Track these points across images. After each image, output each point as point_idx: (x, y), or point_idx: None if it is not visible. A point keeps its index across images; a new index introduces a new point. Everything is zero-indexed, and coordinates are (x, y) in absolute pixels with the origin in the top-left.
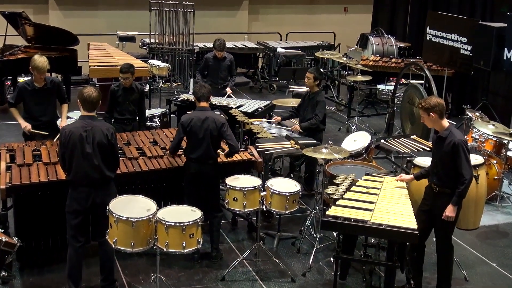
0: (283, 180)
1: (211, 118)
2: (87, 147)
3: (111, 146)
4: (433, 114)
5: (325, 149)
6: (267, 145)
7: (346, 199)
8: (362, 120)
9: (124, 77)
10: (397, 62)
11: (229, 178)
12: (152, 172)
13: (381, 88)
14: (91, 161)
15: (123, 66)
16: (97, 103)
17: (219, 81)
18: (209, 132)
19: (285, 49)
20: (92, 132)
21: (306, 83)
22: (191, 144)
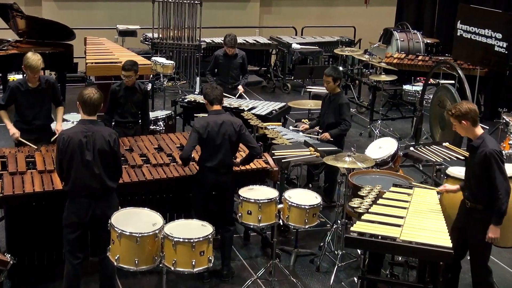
0: (301, 191)
1: (228, 121)
2: (87, 155)
3: (113, 154)
4: (465, 122)
5: (348, 157)
6: (283, 153)
7: (372, 213)
8: (386, 123)
9: (126, 75)
10: (424, 60)
11: (242, 189)
12: (157, 181)
13: (407, 89)
14: (91, 169)
15: (126, 63)
16: (98, 106)
17: (229, 80)
18: (227, 137)
19: (300, 45)
20: (93, 138)
21: (326, 87)
22: (207, 152)
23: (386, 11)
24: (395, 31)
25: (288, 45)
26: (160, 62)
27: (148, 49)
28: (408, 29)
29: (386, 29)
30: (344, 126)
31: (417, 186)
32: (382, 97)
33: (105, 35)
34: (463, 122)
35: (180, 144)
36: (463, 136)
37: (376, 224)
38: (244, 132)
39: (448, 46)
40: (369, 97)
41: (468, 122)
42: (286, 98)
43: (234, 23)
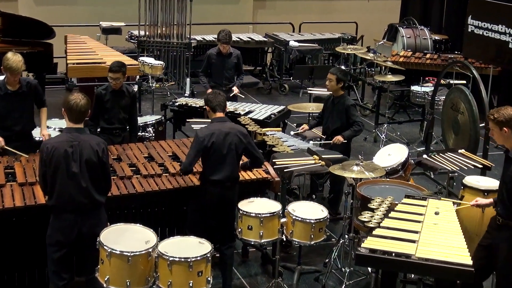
0: (306, 204)
1: (234, 130)
2: (73, 166)
3: (102, 165)
4: (507, 129)
5: (356, 166)
6: (285, 161)
7: (384, 227)
8: (393, 127)
9: (114, 77)
10: (432, 59)
11: (242, 202)
12: (149, 194)
13: (415, 90)
14: (77, 182)
15: (113, 64)
16: (85, 113)
17: (223, 81)
18: (234, 147)
19: (298, 43)
20: (80, 147)
21: (328, 86)
22: (211, 164)
23: (390, 5)
24: (400, 27)
25: (285, 43)
26: (148, 62)
27: (134, 48)
28: (414, 25)
29: (391, 25)
30: (357, 127)
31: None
32: (388, 99)
33: (87, 33)
34: (504, 129)
35: (172, 153)
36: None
37: (389, 240)
38: (250, 141)
39: (457, 43)
40: (374, 98)
41: (510, 129)
42: (283, 100)
43: (226, 19)
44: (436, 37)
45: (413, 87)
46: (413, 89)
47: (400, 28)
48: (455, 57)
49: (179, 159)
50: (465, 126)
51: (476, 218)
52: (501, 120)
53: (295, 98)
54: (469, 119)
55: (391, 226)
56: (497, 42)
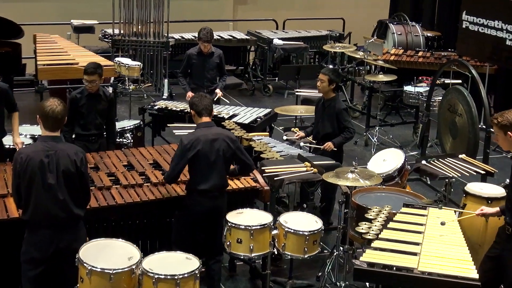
0: (299, 214)
1: (222, 135)
2: (49, 177)
3: (80, 176)
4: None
5: (351, 173)
6: (275, 169)
7: (383, 239)
8: (384, 130)
9: (89, 80)
10: (425, 57)
11: (230, 214)
12: (130, 206)
13: (408, 90)
14: (54, 195)
15: (88, 66)
16: (62, 120)
17: (205, 83)
18: (222, 153)
19: (283, 41)
20: (56, 157)
21: (319, 87)
22: (198, 173)
23: (379, 0)
24: (390, 23)
25: (268, 41)
26: (125, 63)
27: (107, 47)
28: (405, 21)
29: (381, 21)
30: (348, 133)
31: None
32: (380, 100)
33: (58, 31)
34: (509, 134)
35: (154, 160)
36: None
37: (388, 253)
38: (239, 147)
39: (451, 39)
40: (364, 99)
41: None
42: (267, 102)
43: (205, 15)
44: (428, 33)
45: (406, 87)
46: (406, 89)
47: (390, 24)
48: (449, 55)
49: (161, 167)
50: (463, 129)
51: (479, 227)
52: (505, 124)
53: (280, 99)
54: (467, 121)
55: (390, 237)
56: (494, 39)
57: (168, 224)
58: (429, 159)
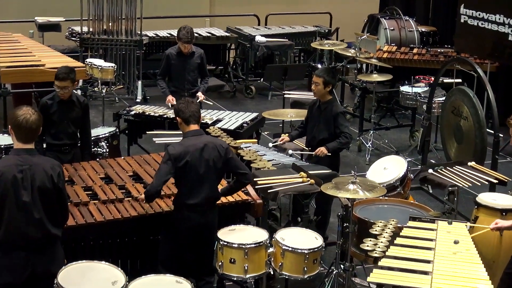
0: (297, 230)
1: (211, 144)
2: (23, 195)
3: (57, 192)
4: None
5: (352, 184)
6: (268, 180)
7: (390, 257)
8: (379, 134)
9: (61, 86)
10: (420, 54)
11: (222, 231)
12: (110, 224)
13: (405, 91)
14: (29, 213)
15: (60, 70)
16: (36, 131)
17: (185, 85)
18: (212, 163)
19: (266, 38)
20: (31, 172)
21: (314, 90)
22: (187, 186)
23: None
24: (382, 18)
25: (250, 38)
26: (98, 65)
27: (75, 46)
28: (398, 16)
29: (372, 15)
30: (344, 138)
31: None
32: (374, 102)
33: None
34: None
35: (134, 172)
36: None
37: (398, 272)
38: (231, 156)
39: (447, 35)
40: (355, 100)
41: None
42: (250, 104)
43: (179, 11)
44: (423, 29)
45: (402, 88)
46: (402, 89)
47: (382, 19)
48: (446, 52)
49: (142, 179)
50: (469, 133)
51: (493, 242)
52: None
53: (263, 101)
54: (474, 125)
55: (399, 255)
56: (495, 34)
57: (153, 243)
58: (436, 168)
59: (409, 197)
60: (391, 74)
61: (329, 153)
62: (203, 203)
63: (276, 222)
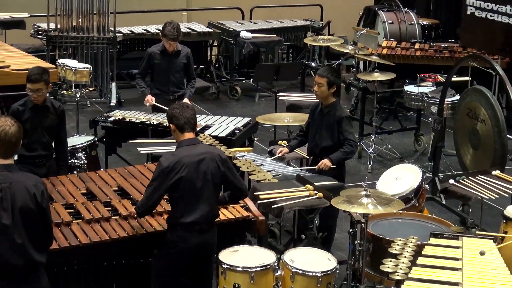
0: (306, 250)
1: (209, 154)
2: (3, 217)
3: (41, 213)
4: None
5: (366, 197)
6: (271, 194)
7: (414, 279)
8: (381, 138)
9: (34, 89)
10: (423, 49)
11: (223, 252)
12: (97, 246)
13: (410, 91)
14: (10, 238)
15: (32, 71)
16: (16, 144)
17: (170, 88)
18: (210, 177)
19: (252, 33)
20: (11, 192)
21: (317, 92)
22: (183, 202)
23: None
24: (380, 10)
25: (235, 34)
26: (71, 66)
27: (40, 45)
28: (397, 8)
29: (368, 8)
30: (349, 147)
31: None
32: (375, 103)
33: None
34: None
35: (119, 187)
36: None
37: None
38: (230, 168)
39: (450, 28)
40: (352, 102)
41: None
42: (236, 107)
43: (154, 4)
44: (424, 22)
45: (407, 87)
46: (407, 89)
47: (380, 11)
48: (451, 47)
49: (129, 195)
50: (487, 138)
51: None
52: None
53: (250, 104)
54: (492, 129)
55: (423, 277)
56: (505, 27)
57: (144, 266)
58: (457, 178)
59: (424, 209)
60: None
61: (333, 165)
62: (201, 221)
63: (275, 240)
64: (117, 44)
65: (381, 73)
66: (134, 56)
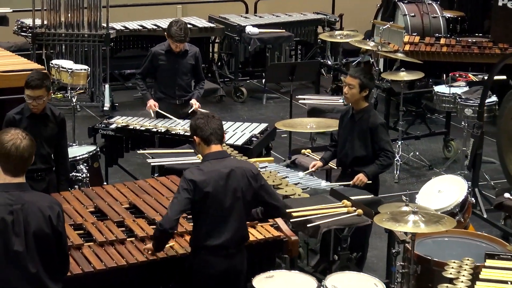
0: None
1: (239, 169)
2: (15, 243)
3: (57, 237)
4: None
5: (413, 214)
6: (305, 212)
7: None
8: (407, 145)
9: (35, 96)
10: (449, 45)
11: (257, 278)
12: (113, 272)
13: (440, 92)
14: (23, 267)
15: (32, 77)
16: (29, 160)
17: (176, 92)
18: (240, 194)
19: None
20: (24, 214)
21: (346, 94)
22: (208, 223)
23: None
24: (400, 2)
25: (239, 29)
26: (67, 68)
27: (24, 43)
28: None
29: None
30: (386, 159)
31: None
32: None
33: None
34: None
35: (130, 204)
36: None
37: None
38: (264, 184)
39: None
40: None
41: None
42: (242, 110)
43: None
44: (448, 14)
45: (437, 88)
46: (437, 90)
47: (400, 3)
48: (479, 42)
49: (142, 213)
50: None
51: None
52: None
53: (257, 106)
54: None
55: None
56: None
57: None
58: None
59: (469, 225)
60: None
61: (369, 180)
62: (229, 244)
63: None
64: (110, 42)
65: (408, 72)
66: (128, 55)
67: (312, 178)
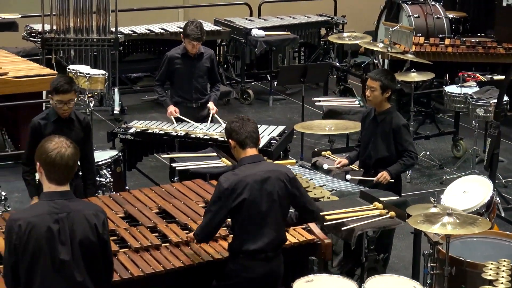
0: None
1: (275, 173)
2: (61, 252)
3: (102, 245)
4: None
5: (448, 216)
6: (338, 215)
7: None
8: (418, 144)
9: (65, 100)
10: (454, 45)
11: (297, 283)
12: (150, 278)
13: (451, 92)
14: (69, 276)
15: (59, 81)
16: (73, 168)
17: (193, 95)
18: (277, 197)
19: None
20: (70, 222)
21: (369, 97)
22: (247, 227)
23: None
24: (404, 3)
25: (245, 32)
26: (85, 73)
27: (32, 48)
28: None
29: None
30: (409, 159)
31: None
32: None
33: None
34: None
35: (160, 209)
36: None
37: None
38: (299, 188)
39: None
40: None
41: None
42: (249, 112)
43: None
44: (451, 15)
45: (447, 88)
46: (448, 90)
47: (404, 4)
48: (484, 42)
49: (173, 218)
50: None
51: None
52: None
53: (264, 108)
54: None
55: None
56: None
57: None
58: None
59: (494, 226)
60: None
61: (392, 179)
62: (267, 248)
63: None
64: (119, 46)
65: (419, 73)
66: (135, 59)
67: (331, 178)
